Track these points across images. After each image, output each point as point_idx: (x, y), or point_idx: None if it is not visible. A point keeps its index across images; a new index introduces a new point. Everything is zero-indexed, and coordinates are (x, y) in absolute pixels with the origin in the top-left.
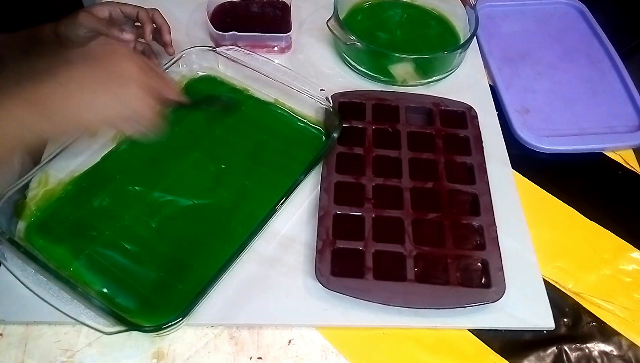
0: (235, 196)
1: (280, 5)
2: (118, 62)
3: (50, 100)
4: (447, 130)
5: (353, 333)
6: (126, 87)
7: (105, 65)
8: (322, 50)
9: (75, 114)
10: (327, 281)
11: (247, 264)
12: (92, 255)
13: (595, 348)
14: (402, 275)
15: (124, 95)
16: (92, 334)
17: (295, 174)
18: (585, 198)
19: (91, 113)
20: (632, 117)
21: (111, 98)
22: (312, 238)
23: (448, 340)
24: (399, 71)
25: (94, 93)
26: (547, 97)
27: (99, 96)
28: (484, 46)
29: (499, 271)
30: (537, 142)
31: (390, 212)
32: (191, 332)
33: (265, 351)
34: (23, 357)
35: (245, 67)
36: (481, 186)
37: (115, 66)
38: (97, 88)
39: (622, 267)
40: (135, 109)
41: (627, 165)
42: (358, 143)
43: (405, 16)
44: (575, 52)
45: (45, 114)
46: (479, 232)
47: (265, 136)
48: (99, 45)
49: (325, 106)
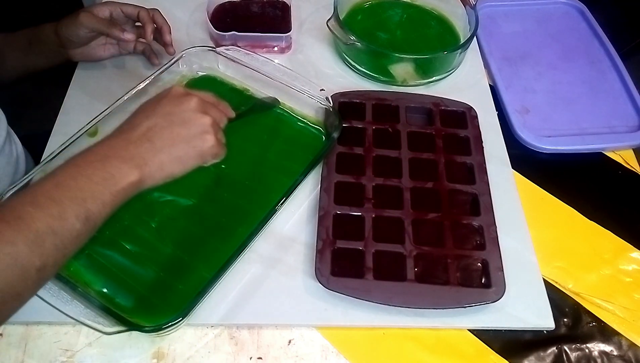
0: (235, 196)
1: (280, 5)
2: (195, 120)
3: (143, 156)
4: (447, 130)
5: (353, 333)
6: (206, 141)
7: (185, 121)
8: (322, 50)
9: (166, 167)
10: (327, 281)
11: (247, 264)
12: (92, 255)
13: (595, 348)
14: (402, 275)
15: (206, 148)
16: (92, 334)
17: (295, 174)
18: (585, 198)
19: (179, 166)
20: (632, 117)
21: (195, 153)
22: (312, 238)
23: (448, 340)
24: (399, 71)
25: (181, 150)
26: (547, 97)
27: (185, 152)
28: (484, 46)
29: (499, 271)
30: (537, 142)
31: (390, 212)
32: (191, 332)
33: (265, 351)
34: (23, 357)
35: (245, 67)
36: (481, 186)
37: (193, 123)
38: (182, 146)
39: (622, 267)
40: (213, 153)
41: (627, 165)
42: (358, 142)
43: (405, 16)
44: (575, 52)
45: (140, 167)
46: (479, 232)
47: (265, 136)
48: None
49: (325, 106)
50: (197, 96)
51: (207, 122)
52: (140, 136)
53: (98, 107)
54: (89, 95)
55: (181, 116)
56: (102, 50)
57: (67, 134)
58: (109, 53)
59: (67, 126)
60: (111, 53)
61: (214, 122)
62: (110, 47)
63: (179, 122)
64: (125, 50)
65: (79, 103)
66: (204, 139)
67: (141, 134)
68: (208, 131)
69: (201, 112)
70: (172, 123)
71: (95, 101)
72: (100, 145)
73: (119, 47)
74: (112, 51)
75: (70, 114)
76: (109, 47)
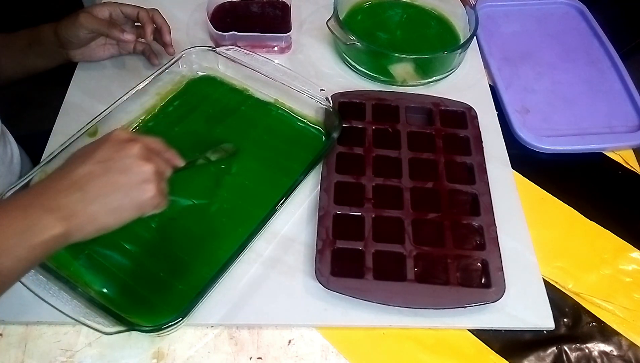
0: (235, 196)
1: (280, 5)
2: (135, 168)
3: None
4: (447, 130)
5: (353, 333)
6: (146, 191)
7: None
8: (322, 50)
9: (99, 220)
10: (327, 281)
11: (247, 264)
12: (92, 255)
13: (595, 348)
14: (402, 275)
15: (145, 199)
16: (92, 334)
17: (295, 174)
18: (585, 198)
19: (114, 218)
20: (632, 117)
21: (133, 204)
22: (312, 238)
23: (448, 340)
24: (399, 71)
25: (117, 201)
26: (547, 97)
27: (121, 203)
28: (484, 46)
29: (498, 271)
30: (537, 142)
31: (390, 212)
32: (191, 332)
33: (265, 351)
34: (23, 357)
35: (245, 67)
36: (481, 186)
37: (133, 172)
38: (119, 196)
39: (622, 267)
40: (153, 204)
41: (627, 165)
42: (358, 143)
43: (405, 16)
44: (575, 52)
45: (67, 219)
46: (479, 232)
47: (265, 136)
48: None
49: (325, 106)
50: (141, 141)
51: (148, 170)
52: (71, 183)
53: (98, 107)
54: (89, 95)
55: (120, 163)
56: (102, 50)
57: (67, 134)
58: (108, 53)
59: (67, 126)
60: (111, 53)
61: (157, 171)
62: (110, 47)
63: (117, 169)
64: (125, 50)
65: (79, 103)
66: (143, 189)
67: (73, 182)
68: (149, 180)
69: (143, 160)
70: (109, 171)
71: (95, 101)
72: (25, 192)
73: (118, 47)
74: (112, 51)
75: (70, 114)
76: (108, 47)
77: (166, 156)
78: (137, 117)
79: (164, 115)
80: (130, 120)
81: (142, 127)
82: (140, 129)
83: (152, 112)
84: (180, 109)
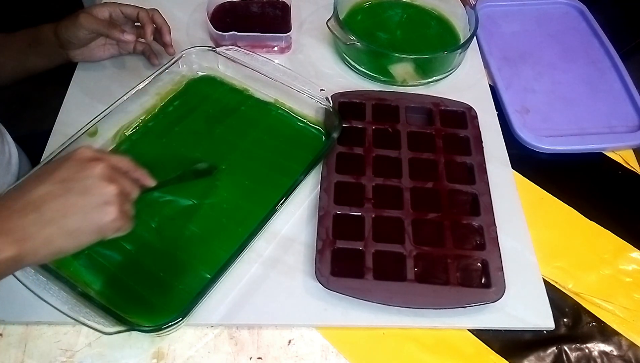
0: (235, 196)
1: (280, 5)
2: (97, 189)
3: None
4: (447, 130)
5: (353, 333)
6: (106, 214)
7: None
8: (322, 50)
9: (54, 243)
10: (327, 281)
11: (247, 264)
12: (92, 255)
13: (595, 348)
14: (402, 275)
15: (105, 222)
16: (92, 334)
17: (295, 174)
18: (585, 198)
19: (71, 242)
20: (632, 117)
21: (92, 227)
22: (312, 238)
23: (448, 340)
24: (399, 71)
25: (75, 223)
26: (547, 97)
27: (79, 225)
28: (484, 46)
29: (498, 271)
30: (537, 142)
31: (390, 212)
32: (191, 332)
33: (265, 351)
34: (23, 357)
35: (245, 67)
36: (481, 186)
37: (94, 193)
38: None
39: (622, 267)
40: (114, 227)
41: (627, 165)
42: (358, 143)
43: (405, 16)
44: (575, 52)
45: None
46: (479, 232)
47: (265, 136)
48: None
49: (325, 106)
50: (106, 161)
51: (111, 191)
52: (26, 204)
53: (98, 107)
54: (89, 95)
55: (81, 184)
56: (102, 50)
57: (67, 134)
58: (108, 53)
59: (67, 126)
60: (111, 53)
61: (121, 192)
62: (110, 47)
63: (77, 190)
64: (125, 50)
65: (79, 103)
66: (104, 212)
67: (28, 203)
68: (110, 202)
69: (106, 181)
70: (68, 191)
71: (95, 101)
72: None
73: (118, 47)
74: (112, 51)
75: (70, 114)
76: (108, 47)
77: (135, 176)
78: (137, 117)
79: (164, 115)
80: (130, 120)
81: (142, 127)
82: (140, 129)
83: (152, 112)
84: (180, 109)
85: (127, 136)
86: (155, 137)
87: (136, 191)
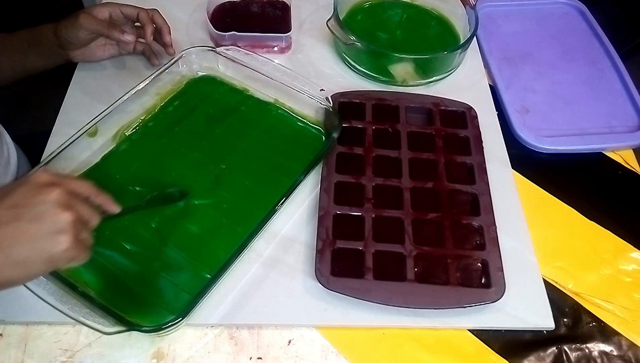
0: (235, 196)
1: (280, 5)
2: (50, 216)
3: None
4: (447, 130)
5: (353, 333)
6: (58, 243)
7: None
8: (322, 50)
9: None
10: (327, 281)
11: (247, 264)
12: (92, 255)
13: (595, 348)
14: (402, 275)
15: (57, 251)
16: (92, 334)
17: (295, 174)
18: (585, 198)
19: (19, 272)
20: (632, 117)
21: (42, 257)
22: (312, 238)
23: (448, 340)
24: (399, 71)
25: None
26: (547, 97)
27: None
28: (484, 46)
29: (498, 271)
30: (537, 142)
31: (390, 212)
32: (191, 332)
33: (265, 351)
34: (23, 357)
35: (245, 67)
36: (481, 186)
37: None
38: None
39: (622, 267)
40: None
41: (627, 165)
42: (358, 143)
43: (405, 16)
44: (575, 52)
45: None
46: (479, 232)
47: (265, 136)
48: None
49: (325, 106)
50: (64, 185)
51: (65, 219)
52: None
53: (98, 107)
54: (89, 95)
55: (33, 210)
56: (102, 51)
57: (67, 134)
58: (108, 54)
59: (67, 126)
60: (111, 54)
61: (77, 219)
62: (110, 47)
63: (29, 217)
64: (125, 50)
65: (79, 103)
66: (56, 241)
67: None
68: (64, 230)
69: (60, 207)
70: (18, 218)
71: (95, 101)
72: None
73: (118, 47)
74: (112, 51)
75: (70, 114)
76: (108, 47)
77: (97, 201)
78: (137, 117)
79: (164, 115)
80: (130, 120)
81: (142, 127)
82: (140, 129)
83: (152, 112)
84: (180, 109)
85: (127, 136)
86: (155, 137)
87: (96, 219)
